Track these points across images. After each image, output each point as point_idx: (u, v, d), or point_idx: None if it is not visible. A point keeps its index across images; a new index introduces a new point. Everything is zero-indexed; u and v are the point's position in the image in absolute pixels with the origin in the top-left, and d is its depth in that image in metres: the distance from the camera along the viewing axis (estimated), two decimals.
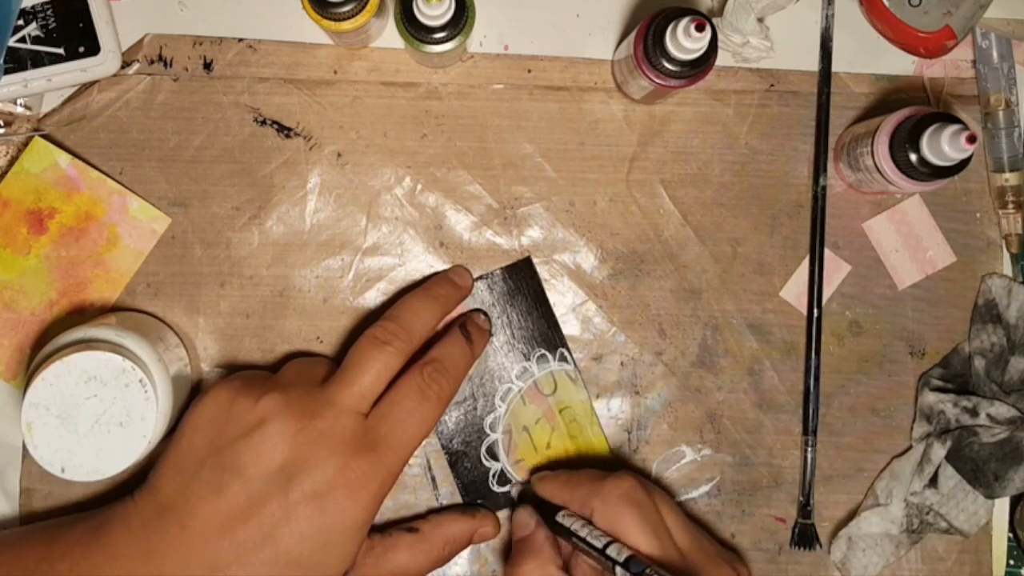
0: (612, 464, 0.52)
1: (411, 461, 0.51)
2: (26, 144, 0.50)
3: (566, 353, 0.52)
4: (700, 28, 0.43)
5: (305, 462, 0.42)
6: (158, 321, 0.51)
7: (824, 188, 0.52)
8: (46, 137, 0.50)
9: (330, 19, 0.45)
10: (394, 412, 0.45)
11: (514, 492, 0.51)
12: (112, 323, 0.46)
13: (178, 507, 0.42)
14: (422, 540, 0.48)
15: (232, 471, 0.42)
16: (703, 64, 0.45)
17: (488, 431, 0.51)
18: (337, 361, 0.47)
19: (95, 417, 0.43)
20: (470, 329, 0.49)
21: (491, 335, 0.51)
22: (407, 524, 0.49)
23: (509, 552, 0.49)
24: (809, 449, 0.51)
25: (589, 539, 0.43)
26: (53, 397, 0.43)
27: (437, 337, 0.49)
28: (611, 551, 0.42)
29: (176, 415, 0.47)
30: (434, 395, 0.45)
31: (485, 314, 0.52)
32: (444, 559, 0.49)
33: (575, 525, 0.45)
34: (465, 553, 0.51)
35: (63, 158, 0.50)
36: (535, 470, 0.51)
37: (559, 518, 0.46)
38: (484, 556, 0.51)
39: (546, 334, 0.52)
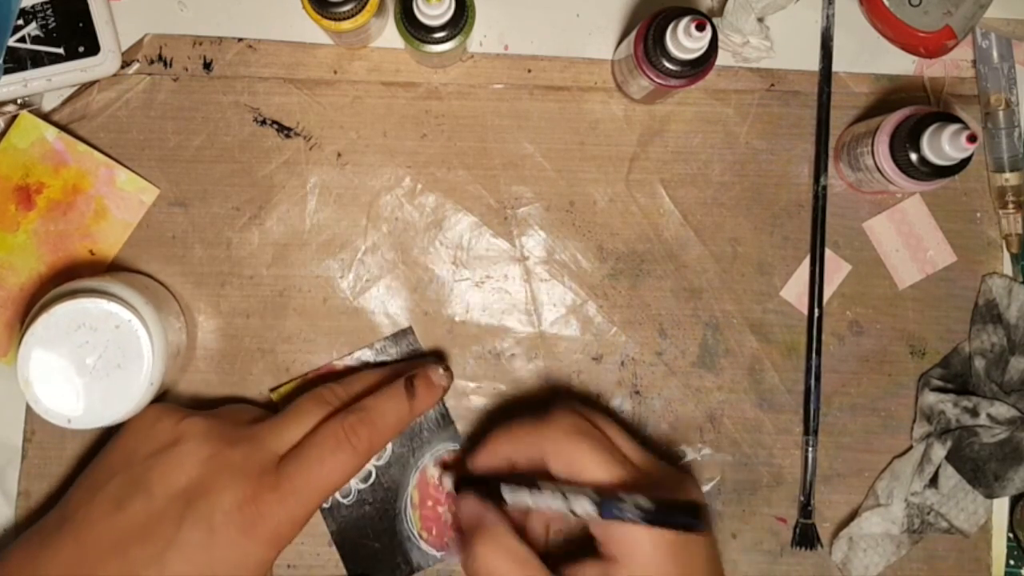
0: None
1: None
2: (12, 121, 0.50)
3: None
4: (700, 28, 0.43)
5: (207, 488, 0.41)
6: (148, 279, 0.50)
7: (824, 188, 0.52)
8: (33, 112, 0.50)
9: (330, 19, 0.45)
10: (304, 455, 0.42)
11: (448, 484, 0.49)
12: (103, 278, 0.46)
13: (78, 520, 0.42)
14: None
15: (138, 487, 0.42)
16: (703, 64, 0.46)
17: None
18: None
19: (91, 363, 0.43)
20: (416, 383, 0.46)
21: (446, 389, 0.48)
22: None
23: None
24: (810, 449, 0.51)
25: (547, 501, 0.41)
26: (46, 351, 0.43)
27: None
28: (576, 508, 0.40)
29: (176, 362, 0.46)
30: (350, 447, 0.42)
31: (447, 368, 0.48)
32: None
33: (520, 494, 0.42)
34: None
35: (50, 132, 0.50)
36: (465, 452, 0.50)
37: (504, 492, 0.43)
38: None
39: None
